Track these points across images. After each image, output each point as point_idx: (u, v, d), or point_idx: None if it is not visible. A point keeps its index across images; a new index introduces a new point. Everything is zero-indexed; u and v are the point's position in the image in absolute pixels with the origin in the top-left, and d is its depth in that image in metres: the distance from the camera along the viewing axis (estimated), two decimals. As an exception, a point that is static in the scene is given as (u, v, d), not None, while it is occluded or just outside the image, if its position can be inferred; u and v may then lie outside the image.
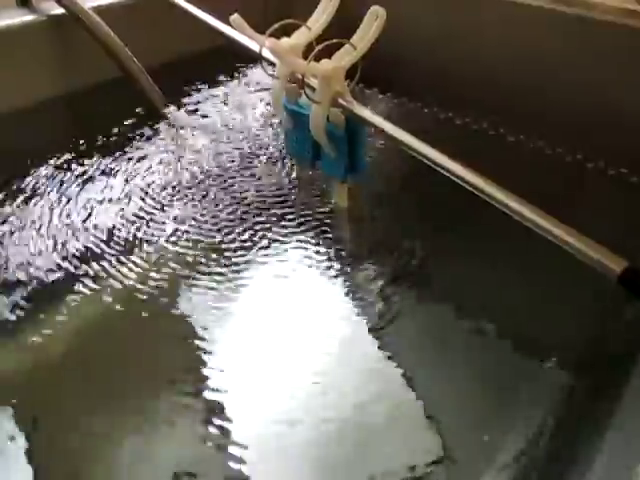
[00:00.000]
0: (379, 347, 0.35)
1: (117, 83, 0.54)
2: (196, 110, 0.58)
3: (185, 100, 0.59)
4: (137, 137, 0.54)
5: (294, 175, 0.49)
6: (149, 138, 0.54)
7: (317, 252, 0.42)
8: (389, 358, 0.35)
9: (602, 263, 0.26)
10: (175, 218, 0.45)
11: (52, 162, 0.50)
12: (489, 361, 0.35)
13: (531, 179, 0.48)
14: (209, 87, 0.61)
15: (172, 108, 0.57)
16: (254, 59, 0.43)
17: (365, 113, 0.38)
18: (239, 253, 0.42)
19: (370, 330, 0.36)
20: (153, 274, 0.40)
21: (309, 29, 0.41)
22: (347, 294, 0.39)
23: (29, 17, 0.51)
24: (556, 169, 0.51)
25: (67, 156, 0.51)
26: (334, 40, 0.37)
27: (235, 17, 0.38)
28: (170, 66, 0.60)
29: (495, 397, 0.34)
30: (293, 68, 0.38)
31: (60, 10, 0.52)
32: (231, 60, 0.62)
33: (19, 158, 0.49)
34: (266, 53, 0.41)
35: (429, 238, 0.43)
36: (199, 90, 0.61)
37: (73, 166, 0.50)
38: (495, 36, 0.56)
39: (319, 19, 0.41)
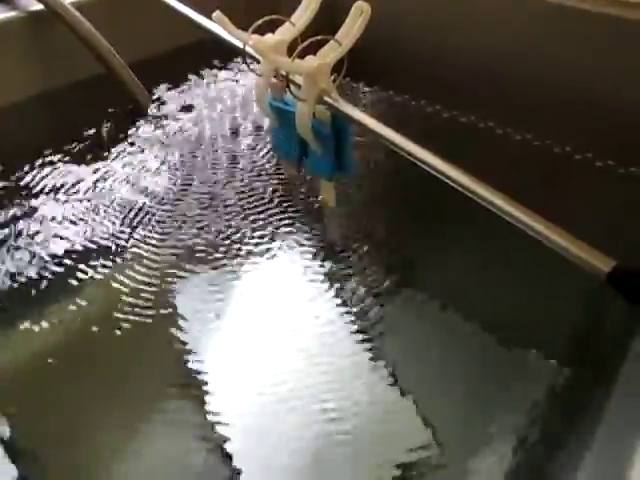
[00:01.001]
0: (369, 343, 0.35)
1: (100, 80, 0.53)
2: (181, 106, 0.57)
3: (169, 96, 0.58)
4: (121, 135, 0.53)
5: (281, 173, 0.49)
6: (133, 135, 0.53)
7: (304, 251, 0.42)
8: (379, 354, 0.35)
9: (590, 263, 0.26)
10: (162, 217, 0.45)
11: (32, 161, 0.49)
12: (478, 358, 0.35)
13: (519, 171, 0.48)
14: (193, 82, 0.60)
15: (156, 104, 0.56)
16: (238, 54, 0.43)
17: (351, 110, 0.37)
18: (227, 254, 0.42)
19: (361, 328, 0.36)
20: (142, 275, 0.40)
21: (293, 25, 0.40)
22: (335, 292, 0.39)
23: (9, 14, 0.50)
24: (544, 161, 0.51)
25: (50, 155, 0.50)
26: (319, 37, 0.36)
27: (217, 14, 0.37)
28: (152, 61, 0.59)
29: (485, 393, 0.34)
30: (277, 66, 0.37)
31: (40, 6, 0.51)
32: (215, 54, 0.61)
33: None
34: (250, 49, 0.40)
35: (418, 235, 0.43)
36: (183, 85, 0.60)
37: (57, 165, 0.49)
38: (481, 27, 0.55)
39: (303, 15, 0.40)
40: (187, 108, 0.57)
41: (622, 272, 0.25)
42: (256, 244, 0.42)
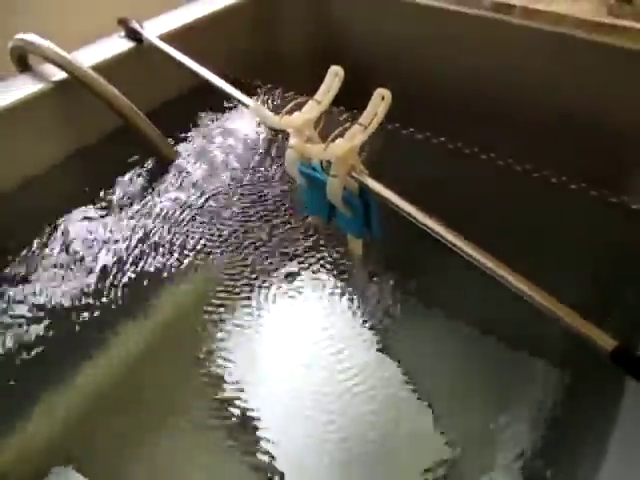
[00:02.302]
0: (400, 368, 0.42)
1: (126, 133, 0.57)
2: (203, 152, 0.61)
3: (189, 142, 0.62)
4: (151, 185, 0.57)
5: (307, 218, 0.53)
6: (160, 186, 0.57)
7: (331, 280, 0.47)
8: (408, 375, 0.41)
9: (594, 341, 0.32)
10: (197, 255, 0.50)
11: (70, 213, 0.53)
12: (498, 374, 0.41)
13: (518, 201, 0.53)
14: (210, 126, 0.64)
15: (180, 154, 0.60)
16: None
17: (373, 184, 0.41)
18: (258, 288, 0.47)
19: (389, 353, 0.42)
20: (178, 308, 0.45)
21: (318, 102, 0.44)
22: (362, 317, 0.45)
23: (35, 87, 0.53)
24: (536, 188, 0.55)
25: (90, 211, 0.54)
26: (347, 125, 0.41)
27: (254, 105, 0.41)
28: (166, 109, 0.62)
29: (496, 398, 0.40)
30: (311, 154, 0.42)
31: (63, 74, 0.54)
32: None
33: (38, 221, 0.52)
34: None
35: (439, 264, 0.48)
36: (202, 133, 0.63)
37: (94, 216, 0.53)
38: (482, 60, 0.59)
39: (327, 93, 0.44)
40: (208, 152, 0.61)
41: (623, 351, 0.31)
42: (284, 277, 0.48)
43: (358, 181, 0.42)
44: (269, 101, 0.65)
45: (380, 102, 0.41)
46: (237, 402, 0.39)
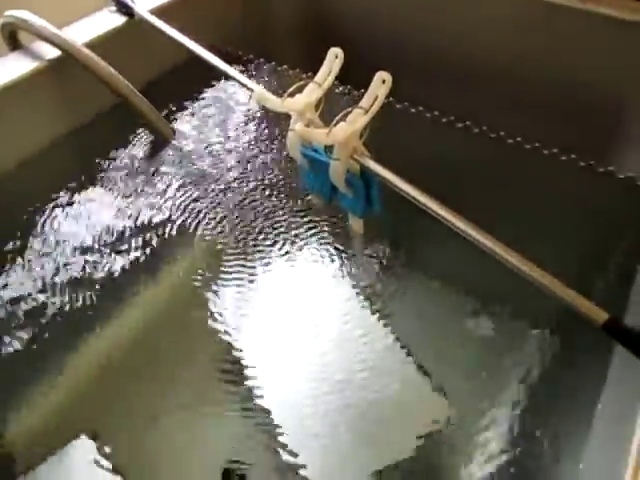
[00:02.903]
0: (393, 333, 0.44)
1: (121, 110, 0.57)
2: (199, 126, 0.61)
3: (186, 117, 0.62)
4: (147, 162, 0.57)
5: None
6: (157, 162, 0.57)
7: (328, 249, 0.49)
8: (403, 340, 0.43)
9: (587, 315, 0.34)
10: (198, 226, 0.51)
11: (69, 191, 0.54)
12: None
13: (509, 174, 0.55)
14: (206, 102, 0.64)
15: (177, 129, 0.60)
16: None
17: (377, 167, 0.43)
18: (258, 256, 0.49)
19: (390, 325, 0.45)
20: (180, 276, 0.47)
21: (319, 85, 0.44)
22: (355, 281, 0.48)
23: (27, 65, 0.52)
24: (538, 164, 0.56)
25: (87, 189, 0.54)
26: (349, 108, 0.41)
27: (256, 92, 0.42)
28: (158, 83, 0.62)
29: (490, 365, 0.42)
30: (314, 139, 0.43)
31: (57, 52, 0.53)
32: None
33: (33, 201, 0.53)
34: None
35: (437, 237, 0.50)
36: (198, 106, 0.63)
37: (91, 193, 0.54)
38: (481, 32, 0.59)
39: (327, 75, 0.44)
40: (204, 126, 0.61)
41: (614, 323, 0.33)
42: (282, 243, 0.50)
43: (360, 163, 0.43)
44: (262, 75, 0.65)
45: (381, 85, 0.42)
46: (242, 370, 0.42)
